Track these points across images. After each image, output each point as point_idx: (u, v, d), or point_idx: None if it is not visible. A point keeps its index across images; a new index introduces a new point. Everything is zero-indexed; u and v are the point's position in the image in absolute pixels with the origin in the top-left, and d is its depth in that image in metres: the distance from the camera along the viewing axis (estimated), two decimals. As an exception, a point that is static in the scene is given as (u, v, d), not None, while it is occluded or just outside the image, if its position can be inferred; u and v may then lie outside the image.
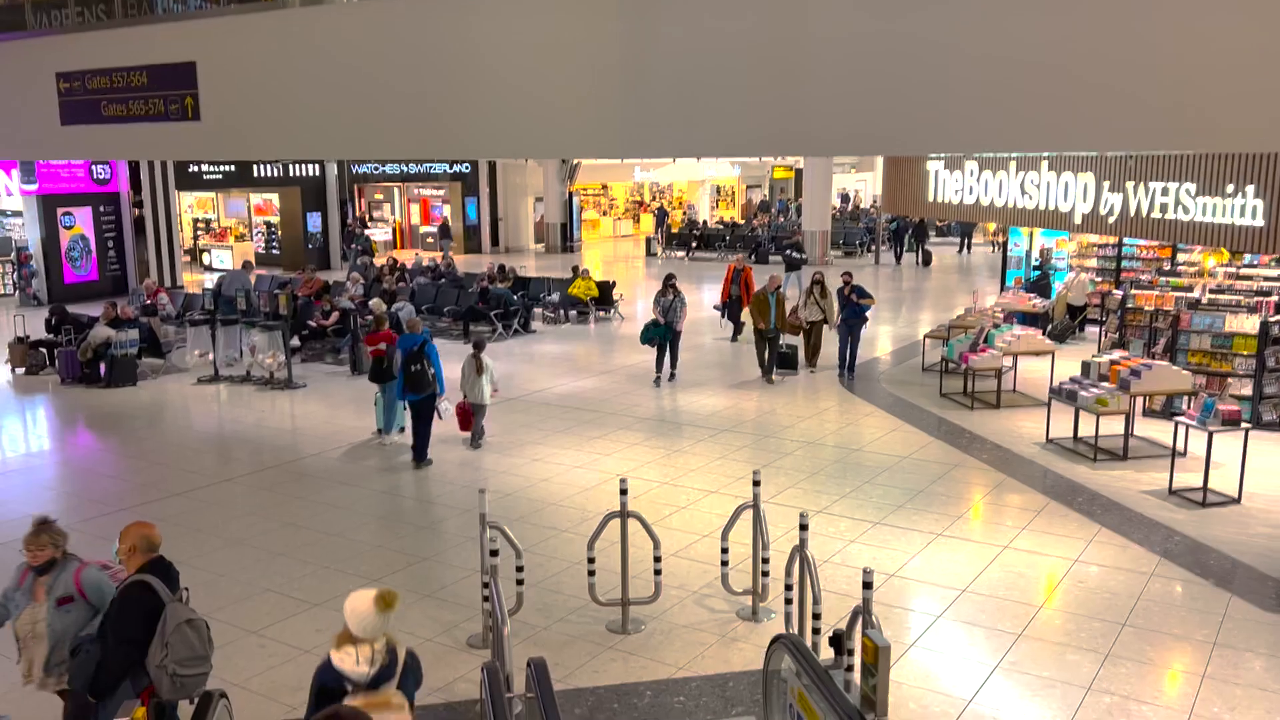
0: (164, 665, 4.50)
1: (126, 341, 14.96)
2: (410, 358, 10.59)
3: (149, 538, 4.82)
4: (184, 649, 4.54)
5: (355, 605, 4.01)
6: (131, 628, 4.61)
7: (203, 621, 4.69)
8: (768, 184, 46.04)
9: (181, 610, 4.63)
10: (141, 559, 4.79)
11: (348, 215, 30.75)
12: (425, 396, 10.64)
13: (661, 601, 7.18)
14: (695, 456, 10.95)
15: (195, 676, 4.58)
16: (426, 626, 7.03)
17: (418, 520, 9.17)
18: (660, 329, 14.24)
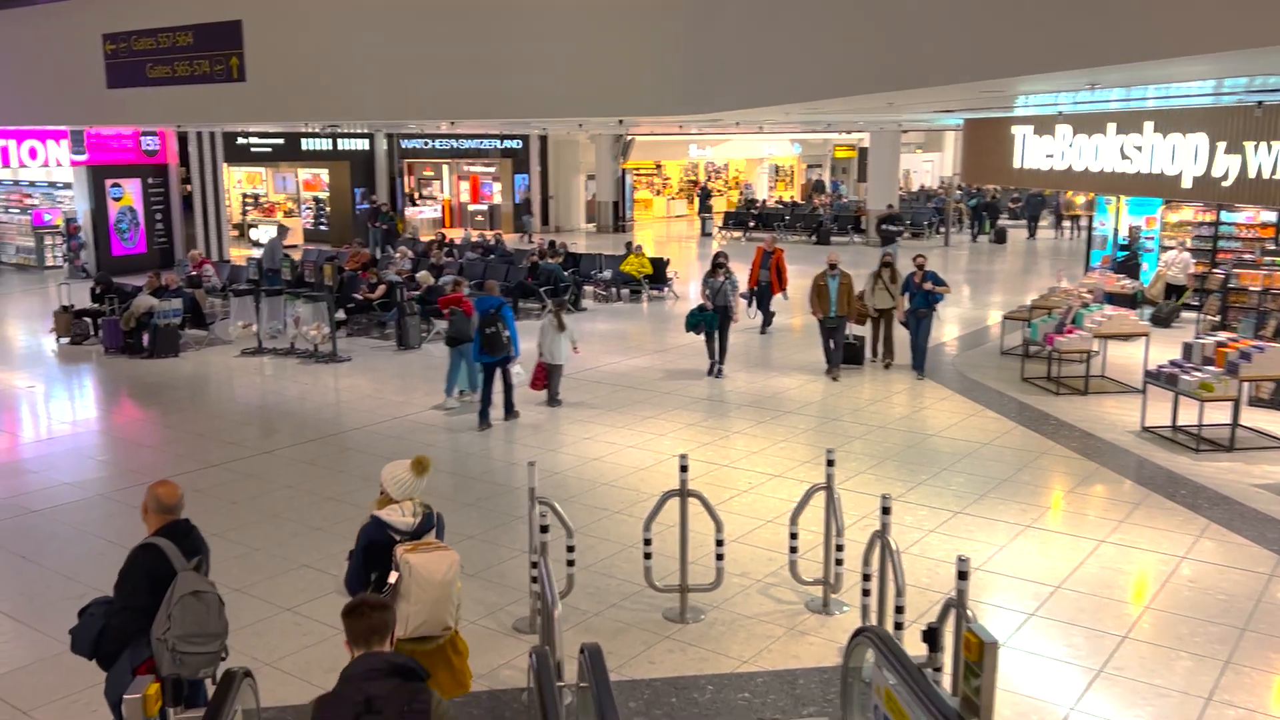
0: (165, 639, 4.18)
1: (169, 311, 14.89)
2: (486, 320, 10.69)
3: (159, 497, 4.49)
4: (189, 623, 4.20)
5: (394, 472, 4.80)
6: (133, 593, 4.30)
7: (214, 595, 4.32)
8: (829, 163, 45.15)
9: (192, 580, 4.29)
10: (155, 520, 4.47)
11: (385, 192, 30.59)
12: (499, 359, 10.79)
13: (723, 589, 6.74)
14: (756, 439, 10.48)
15: (199, 655, 4.22)
16: (470, 609, 6.67)
17: (462, 497, 8.84)
18: (707, 315, 12.92)
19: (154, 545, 4.36)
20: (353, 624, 3.38)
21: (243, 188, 33.44)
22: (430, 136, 30.98)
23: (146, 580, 4.28)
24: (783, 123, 16.50)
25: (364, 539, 4.62)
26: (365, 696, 3.15)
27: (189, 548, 4.42)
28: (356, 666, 3.30)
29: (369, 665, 3.27)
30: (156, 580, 4.26)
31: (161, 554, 4.33)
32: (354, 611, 3.40)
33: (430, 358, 14.77)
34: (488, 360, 10.78)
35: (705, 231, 32.31)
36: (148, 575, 4.29)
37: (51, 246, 24.23)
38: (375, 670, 3.24)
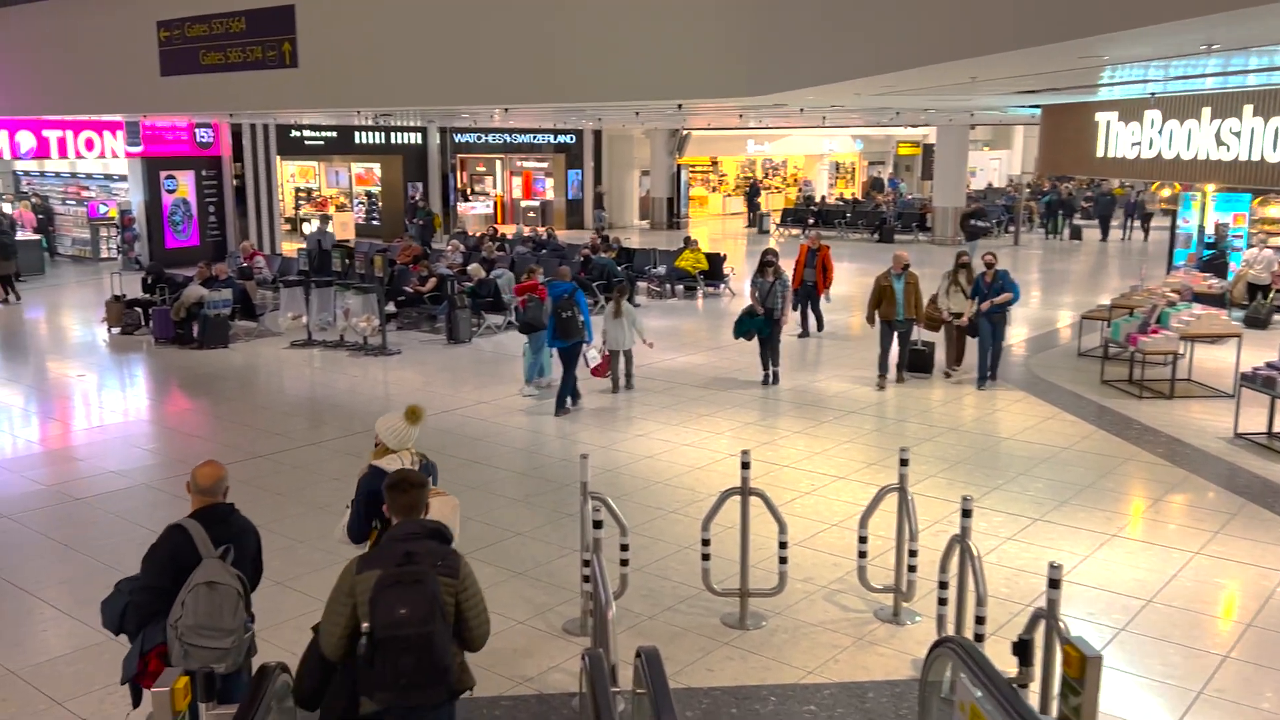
0: (175, 626, 4.02)
1: (219, 301, 14.97)
2: (560, 304, 10.86)
3: (197, 477, 4.37)
4: (200, 614, 4.02)
5: (389, 423, 5.00)
6: (152, 573, 4.19)
7: (232, 588, 4.12)
8: (891, 160, 44.45)
9: (212, 569, 4.10)
10: (194, 501, 4.36)
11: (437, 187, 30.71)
12: (573, 343, 10.95)
13: (786, 595, 6.45)
14: (819, 439, 10.16)
15: (208, 650, 4.03)
16: (518, 608, 6.48)
17: (511, 492, 8.66)
18: (757, 320, 12.04)
19: (182, 527, 4.23)
20: (397, 497, 3.96)
21: (295, 182, 33.81)
22: (483, 131, 31.04)
23: (169, 562, 4.16)
24: (849, 110, 16.05)
25: (364, 488, 4.78)
26: (406, 551, 3.77)
27: (221, 534, 4.25)
28: (398, 530, 3.91)
29: (408, 530, 3.90)
30: (179, 563, 4.13)
31: (188, 536, 4.19)
32: (397, 486, 3.97)
33: (480, 352, 14.67)
34: (561, 345, 10.95)
35: (762, 229, 31.93)
36: (170, 557, 4.17)
37: (106, 238, 24.64)
38: (413, 534, 3.88)
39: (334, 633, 3.77)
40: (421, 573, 3.71)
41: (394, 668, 3.64)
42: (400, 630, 3.62)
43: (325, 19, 12.95)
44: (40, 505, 8.49)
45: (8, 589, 6.83)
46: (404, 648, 3.62)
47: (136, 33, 15.05)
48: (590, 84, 10.57)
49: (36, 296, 20.02)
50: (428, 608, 3.65)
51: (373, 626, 3.64)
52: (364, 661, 3.67)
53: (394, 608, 3.62)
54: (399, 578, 3.67)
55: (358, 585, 3.72)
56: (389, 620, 3.62)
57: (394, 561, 3.73)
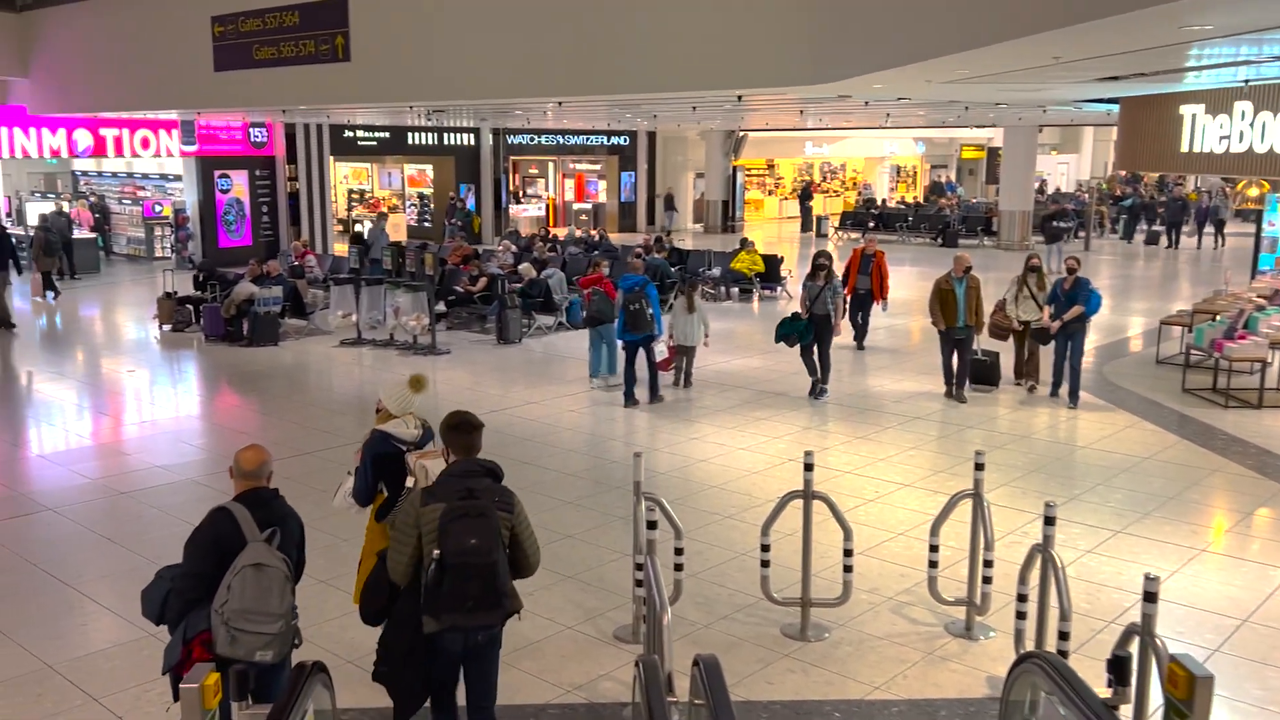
0: (221, 612, 3.91)
1: (269, 299, 15.05)
2: (630, 297, 10.90)
3: (240, 461, 4.28)
4: (247, 598, 3.91)
5: (393, 390, 5.20)
6: (197, 558, 4.09)
7: (279, 571, 4.02)
8: (955, 163, 43.72)
9: (258, 551, 4.00)
10: (237, 485, 4.27)
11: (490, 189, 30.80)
12: (643, 337, 10.99)
13: (850, 606, 6.18)
14: (882, 445, 9.84)
15: (255, 635, 3.92)
16: (567, 612, 6.28)
17: (561, 494, 8.47)
18: (798, 325, 11.31)
19: (226, 510, 4.13)
20: (459, 437, 4.31)
21: (348, 183, 34.14)
22: (536, 131, 31.06)
23: (213, 546, 4.06)
24: (915, 105, 15.65)
25: (371, 451, 5.05)
26: (466, 487, 4.15)
27: (265, 518, 4.15)
28: (457, 467, 4.27)
29: (467, 467, 4.26)
30: (224, 547, 4.03)
31: (232, 520, 4.09)
32: (459, 427, 4.33)
33: (530, 353, 14.55)
34: (630, 338, 11.00)
35: (820, 232, 31.52)
36: (214, 541, 4.07)
37: (161, 238, 25.05)
38: (472, 471, 4.24)
39: (401, 560, 4.15)
40: (485, 507, 4.12)
41: (461, 591, 4.04)
42: (469, 558, 4.03)
43: (378, 12, 12.95)
44: (85, 499, 8.51)
45: (49, 582, 6.80)
46: (472, 574, 4.04)
47: (191, 28, 15.22)
48: (646, 75, 10.38)
49: (91, 294, 20.38)
50: (492, 539, 4.08)
51: (443, 554, 4.02)
52: (433, 585, 4.04)
53: (464, 538, 4.03)
54: (465, 511, 4.07)
55: (423, 517, 4.10)
56: (459, 549, 4.02)
57: (457, 496, 4.12)
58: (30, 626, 6.14)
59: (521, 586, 6.55)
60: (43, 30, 18.57)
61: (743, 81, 9.58)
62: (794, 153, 38.36)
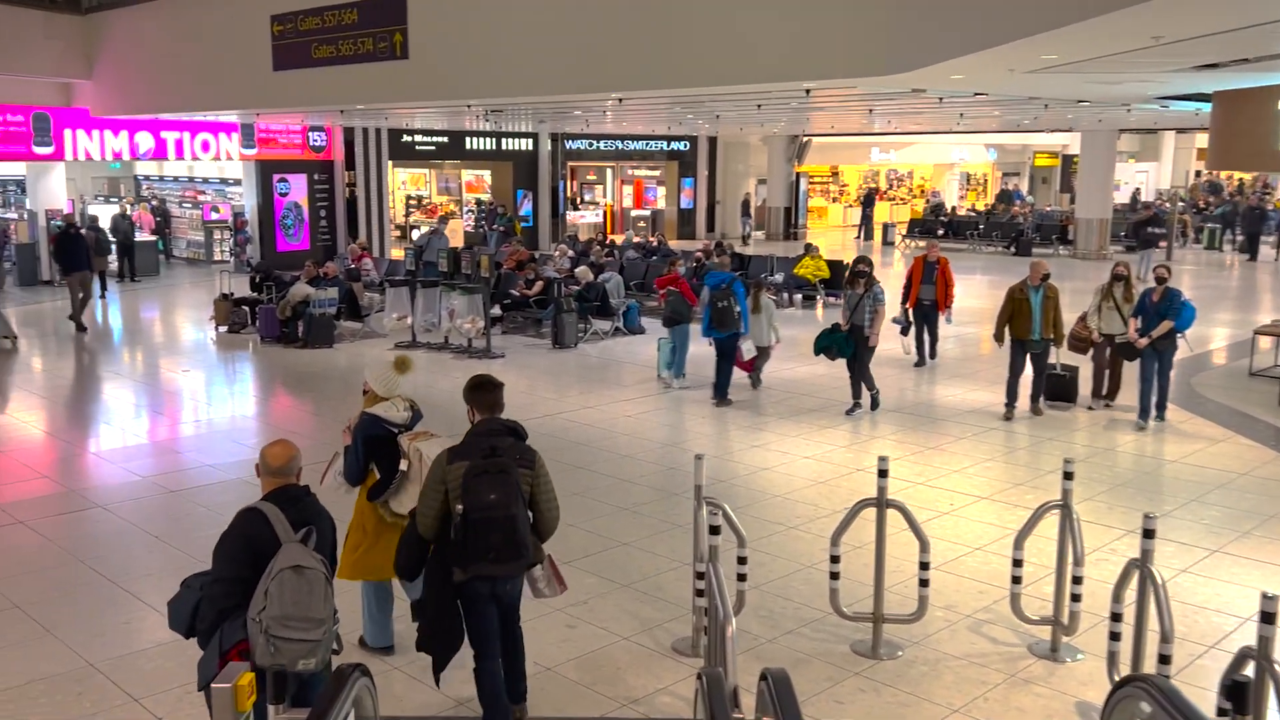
0: (259, 619, 3.67)
1: (325, 300, 15.11)
2: (718, 294, 10.92)
3: (267, 457, 4.05)
4: (287, 603, 3.65)
5: (379, 373, 5.40)
6: (227, 563, 3.86)
7: (320, 573, 3.78)
8: (1027, 171, 42.82)
9: (295, 553, 3.76)
10: (266, 483, 4.05)
11: (547, 195, 30.83)
12: (729, 334, 11.03)
13: (924, 624, 5.87)
14: (956, 456, 9.49)
15: (297, 643, 3.67)
16: (622, 622, 6.07)
17: (617, 500, 8.27)
18: (837, 336, 10.75)
19: (257, 510, 3.91)
20: (483, 396, 4.67)
21: (406, 189, 34.44)
22: (594, 136, 31.04)
23: (244, 549, 3.84)
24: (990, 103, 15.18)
25: (362, 433, 5.27)
26: (490, 445, 4.45)
27: (298, 517, 3.94)
28: (482, 426, 4.59)
29: (490, 426, 4.58)
30: (256, 550, 3.81)
31: (264, 520, 3.87)
32: (483, 386, 4.70)
33: (586, 357, 14.40)
34: (717, 335, 11.06)
35: (886, 240, 31.00)
36: (246, 544, 3.85)
37: (220, 241, 25.44)
38: (495, 430, 4.57)
39: (429, 515, 4.47)
40: (506, 464, 4.42)
41: (484, 543, 4.36)
42: (490, 512, 4.33)
43: (437, 8, 12.95)
44: (135, 496, 8.51)
45: (94, 579, 6.77)
46: (493, 527, 4.35)
47: (251, 28, 15.40)
48: (710, 68, 10.17)
49: (150, 296, 20.73)
50: (512, 493, 4.39)
51: (466, 509, 4.34)
52: (458, 538, 4.37)
53: (485, 493, 4.34)
54: (486, 468, 4.38)
55: (449, 475, 4.42)
56: (480, 504, 4.33)
57: (481, 454, 4.42)
58: (73, 623, 6.09)
59: (576, 595, 6.42)
60: (107, 32, 18.99)
61: (811, 73, 9.31)
62: (859, 159, 37.87)
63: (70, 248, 16.22)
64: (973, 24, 6.51)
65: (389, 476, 5.30)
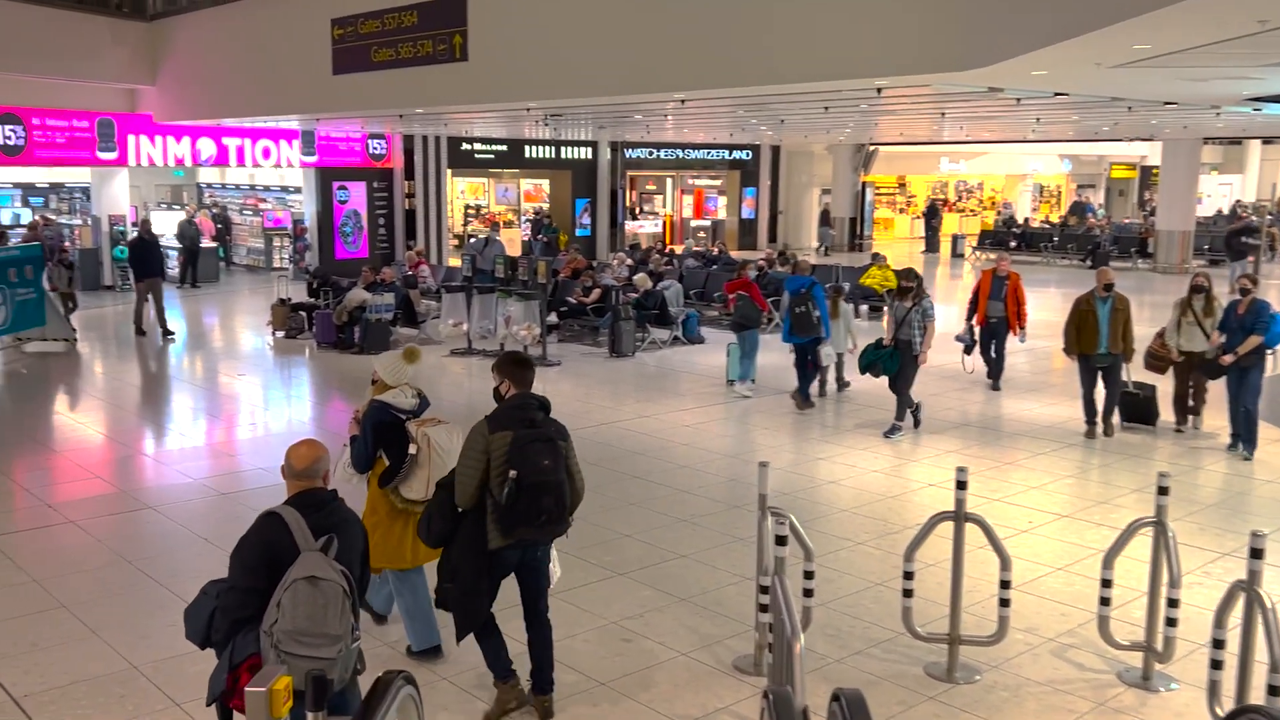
0: (270, 632, 3.47)
1: (381, 306, 15.17)
2: (797, 299, 10.94)
3: (292, 458, 3.86)
4: (300, 616, 3.44)
5: (388, 362, 5.61)
6: (242, 571, 3.67)
7: (337, 586, 3.54)
8: (1104, 183, 41.84)
9: (312, 562, 3.53)
10: (290, 486, 3.85)
11: (606, 204, 30.80)
12: (809, 340, 11.01)
13: (1004, 647, 5.57)
14: (1035, 472, 9.12)
15: (306, 660, 3.43)
16: (680, 637, 5.85)
17: (675, 511, 8.06)
18: (882, 353, 10.25)
19: (277, 514, 3.69)
20: (522, 372, 4.88)
21: (465, 198, 34.69)
22: (654, 145, 30.96)
23: (260, 556, 3.64)
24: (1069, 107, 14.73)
25: (371, 420, 5.40)
26: (528, 417, 4.72)
27: (320, 524, 3.71)
28: (518, 399, 4.80)
29: (525, 400, 4.81)
30: (273, 558, 3.60)
31: (283, 526, 3.65)
32: (524, 363, 4.95)
33: (644, 366, 14.23)
34: (797, 341, 11.05)
35: (956, 252, 30.43)
36: (263, 550, 3.64)
37: (279, 248, 25.80)
38: (529, 404, 4.80)
39: (471, 484, 4.65)
40: (550, 434, 4.72)
41: (537, 507, 4.60)
42: (545, 476, 4.61)
43: (496, 9, 12.93)
44: (186, 499, 8.52)
45: (142, 580, 6.74)
46: (546, 491, 4.61)
47: (312, 33, 15.56)
48: (776, 67, 9.96)
49: (209, 302, 21.05)
50: (560, 461, 4.69)
51: (521, 475, 4.55)
52: (509, 502, 4.57)
53: (539, 459, 4.61)
54: (536, 436, 4.64)
55: (493, 443, 4.62)
56: (536, 469, 4.58)
57: (522, 424, 4.67)
58: (119, 625, 6.04)
59: (632, 608, 6.23)
60: (170, 38, 19.37)
61: (883, 69, 9.05)
62: (928, 169, 37.32)
63: (144, 254, 16.49)
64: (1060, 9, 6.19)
65: (399, 463, 5.43)
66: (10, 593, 6.49)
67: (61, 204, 26.88)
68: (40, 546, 7.35)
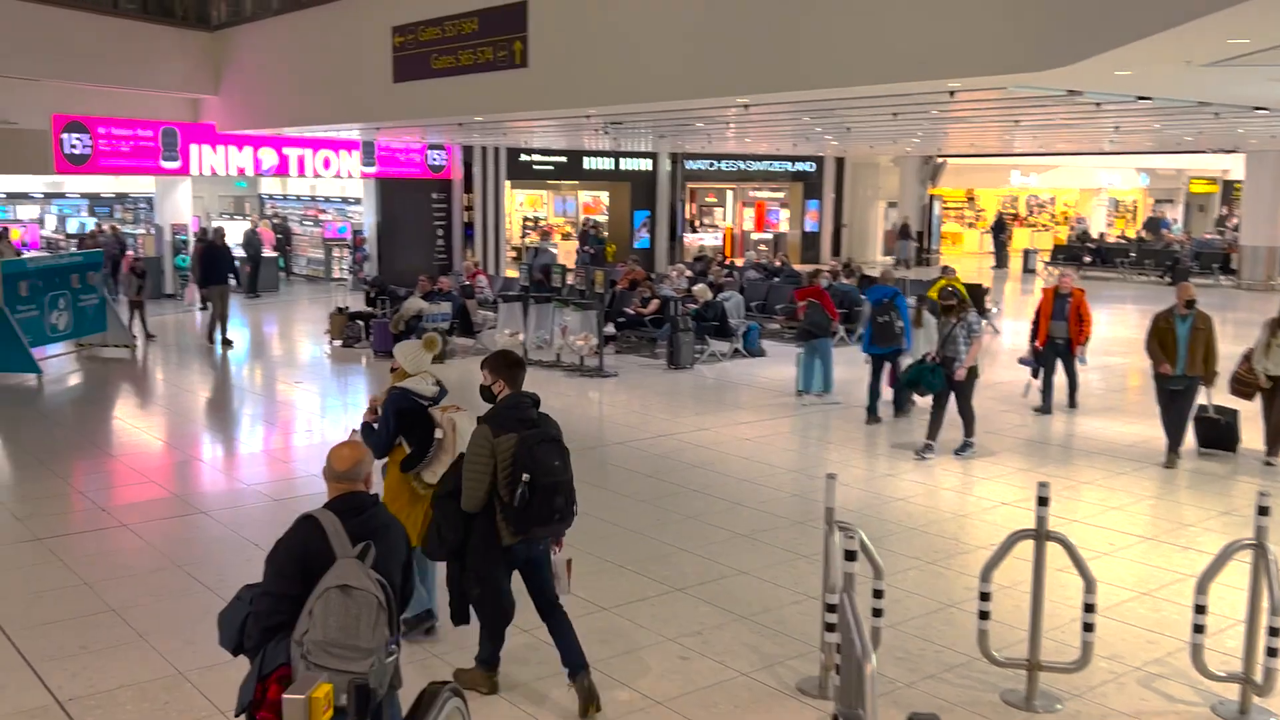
0: (301, 642, 3.32)
1: (438, 314, 15.20)
2: (880, 309, 10.93)
3: (333, 460, 3.71)
4: (331, 627, 3.28)
5: (409, 351, 5.80)
6: (276, 576, 3.52)
7: (372, 596, 3.37)
8: (1183, 198, 40.75)
9: (347, 570, 3.37)
10: (331, 488, 3.70)
11: (665, 216, 30.70)
12: (890, 350, 10.98)
13: (1086, 675, 5.30)
14: (1114, 492, 8.77)
15: (335, 674, 3.26)
16: (740, 657, 5.66)
17: (735, 526, 7.86)
18: (923, 369, 9.91)
19: (314, 519, 3.54)
20: (517, 373, 5.07)
21: (523, 210, 34.86)
22: (715, 157, 30.82)
23: (295, 561, 3.49)
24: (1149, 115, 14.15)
25: (393, 407, 5.58)
26: (526, 417, 4.89)
27: (359, 529, 3.55)
28: (510, 399, 4.97)
29: (519, 399, 4.97)
30: (308, 564, 3.45)
31: (320, 531, 3.49)
32: (519, 364, 5.13)
33: (702, 379, 14.06)
34: (877, 351, 10.96)
35: (1028, 267, 29.81)
36: (299, 555, 3.49)
37: (339, 259, 26.10)
38: (525, 403, 4.96)
39: (479, 488, 4.80)
40: (555, 434, 4.91)
41: (550, 507, 4.78)
42: (558, 476, 4.80)
43: (557, 15, 12.91)
44: (239, 504, 8.53)
45: (191, 585, 6.72)
46: (559, 490, 4.80)
47: (372, 41, 15.70)
48: (844, 68, 9.77)
49: (269, 311, 21.33)
50: (568, 459, 4.90)
51: (534, 476, 4.71)
52: (522, 503, 4.72)
53: (550, 460, 4.78)
54: (542, 437, 4.83)
55: (499, 446, 4.77)
56: (548, 469, 4.76)
57: (525, 425, 4.84)
58: (167, 630, 6.02)
59: (690, 624, 6.05)
60: (233, 48, 19.73)
61: (957, 70, 8.79)
62: (998, 182, 36.67)
63: (214, 260, 16.75)
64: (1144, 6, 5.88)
65: (422, 449, 5.60)
66: (61, 595, 6.51)
67: (126, 213, 27.52)
68: (92, 549, 7.38)
